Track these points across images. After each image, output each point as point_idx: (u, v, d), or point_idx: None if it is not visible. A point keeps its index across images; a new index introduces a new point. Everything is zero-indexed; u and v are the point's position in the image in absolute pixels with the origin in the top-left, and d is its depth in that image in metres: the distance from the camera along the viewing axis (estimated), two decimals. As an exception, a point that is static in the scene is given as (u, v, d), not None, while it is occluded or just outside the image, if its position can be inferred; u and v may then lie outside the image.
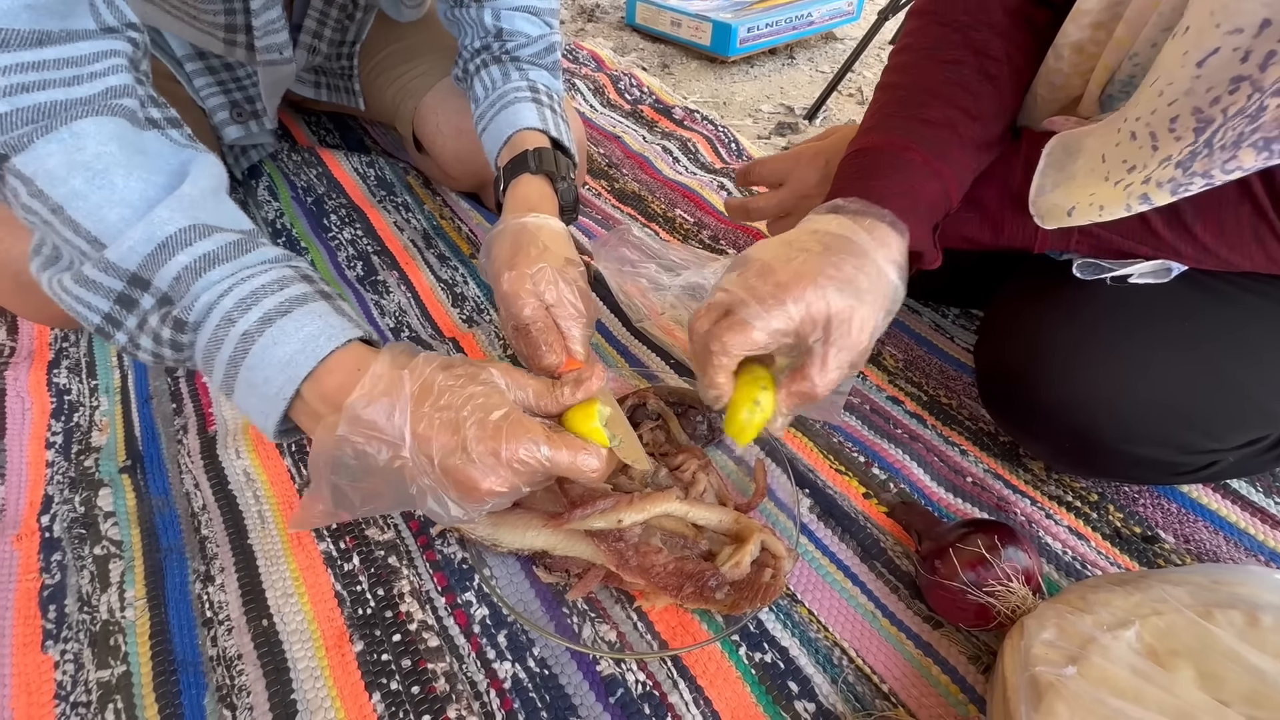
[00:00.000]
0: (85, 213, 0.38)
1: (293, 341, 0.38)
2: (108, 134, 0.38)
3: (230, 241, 0.40)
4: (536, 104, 0.66)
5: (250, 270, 0.40)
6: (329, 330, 0.39)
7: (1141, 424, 0.49)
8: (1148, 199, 0.41)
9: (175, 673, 0.44)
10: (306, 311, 0.39)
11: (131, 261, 0.38)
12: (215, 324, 0.38)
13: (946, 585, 0.46)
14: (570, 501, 0.49)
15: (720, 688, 0.45)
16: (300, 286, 0.40)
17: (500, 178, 0.62)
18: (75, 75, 0.38)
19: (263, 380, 0.39)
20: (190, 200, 0.39)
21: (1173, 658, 0.37)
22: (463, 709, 0.43)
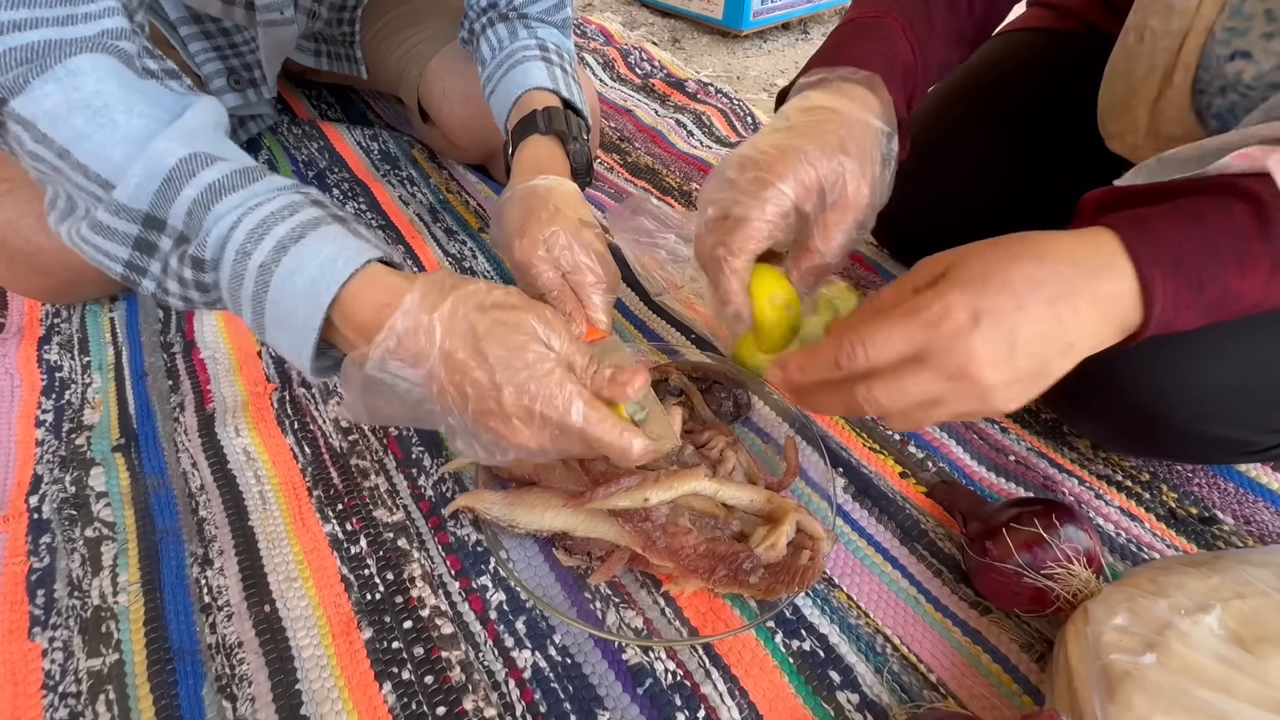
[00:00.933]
0: (91, 153, 0.36)
1: (309, 268, 0.36)
2: (105, 70, 0.37)
3: (236, 169, 0.38)
4: (546, 63, 0.63)
5: (258, 198, 0.37)
6: (346, 252, 0.37)
7: (1217, 402, 0.45)
8: None
9: (171, 661, 0.41)
10: (321, 235, 0.37)
11: (142, 201, 0.37)
12: (232, 259, 0.37)
13: (998, 568, 0.43)
14: (592, 479, 0.46)
15: (756, 678, 0.42)
16: (311, 210, 0.38)
17: (509, 141, 0.59)
18: (69, 14, 0.37)
19: (288, 313, 0.37)
20: (189, 130, 0.37)
21: (1261, 644, 0.34)
22: (479, 700, 0.40)
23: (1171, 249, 0.32)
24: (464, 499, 0.47)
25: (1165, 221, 0.33)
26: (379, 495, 0.50)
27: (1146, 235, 0.32)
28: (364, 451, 0.53)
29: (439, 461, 0.53)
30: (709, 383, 0.58)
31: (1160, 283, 0.32)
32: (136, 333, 0.64)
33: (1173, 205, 0.33)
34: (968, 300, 0.31)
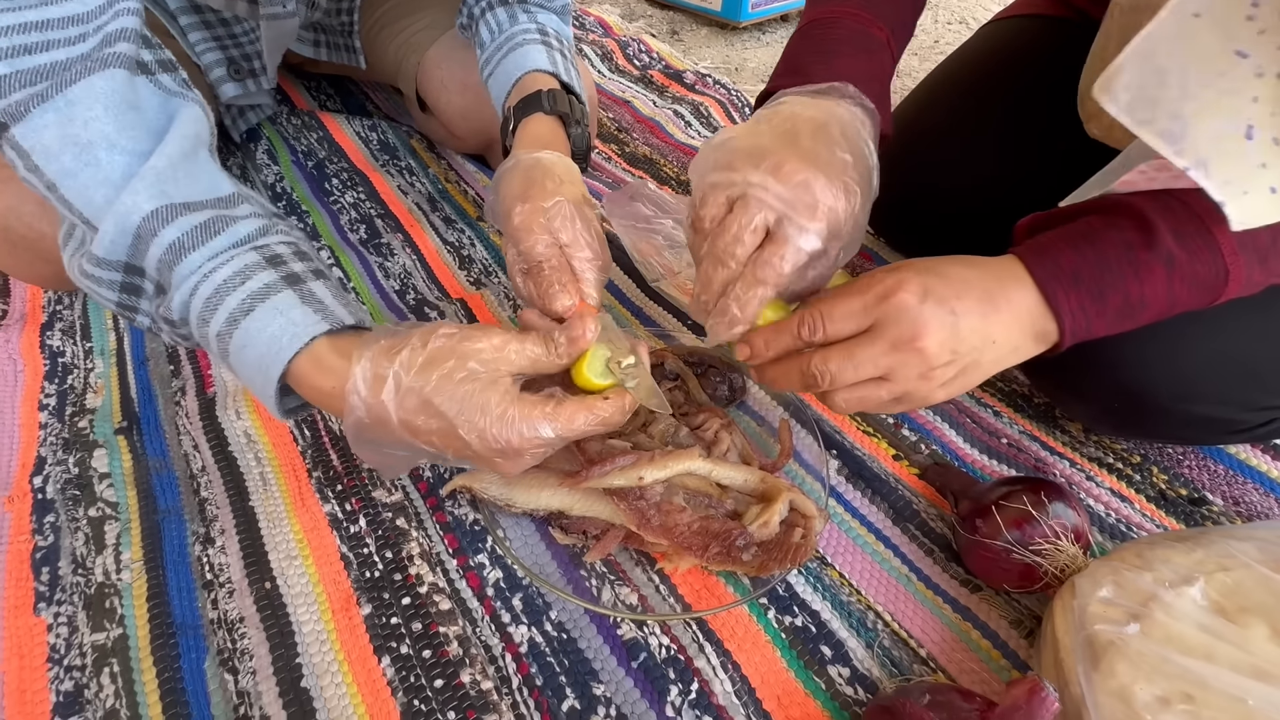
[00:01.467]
0: (75, 193, 0.38)
1: (259, 344, 0.38)
2: (95, 96, 0.38)
3: (197, 225, 0.39)
4: (546, 46, 0.63)
5: (215, 261, 0.39)
6: (291, 329, 0.38)
7: (1202, 381, 0.45)
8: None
9: (174, 636, 0.41)
10: (268, 309, 0.38)
11: (119, 253, 0.39)
12: (195, 324, 0.39)
13: (989, 545, 0.44)
14: (588, 459, 0.47)
15: (749, 651, 0.42)
16: (263, 276, 0.39)
17: (510, 119, 0.59)
18: (82, 33, 0.37)
19: (248, 378, 0.40)
20: (157, 174, 0.38)
21: (1243, 614, 0.34)
22: (476, 673, 0.40)
23: (1070, 268, 0.37)
24: (461, 479, 0.47)
25: (1064, 244, 0.38)
26: (377, 476, 0.51)
27: (1046, 259, 0.38)
28: (363, 434, 0.54)
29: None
30: (704, 367, 0.58)
31: (1064, 298, 0.37)
32: (138, 319, 0.64)
33: (1071, 228, 0.38)
34: (918, 279, 0.36)
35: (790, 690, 0.41)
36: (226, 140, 0.86)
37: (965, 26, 1.66)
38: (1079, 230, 0.38)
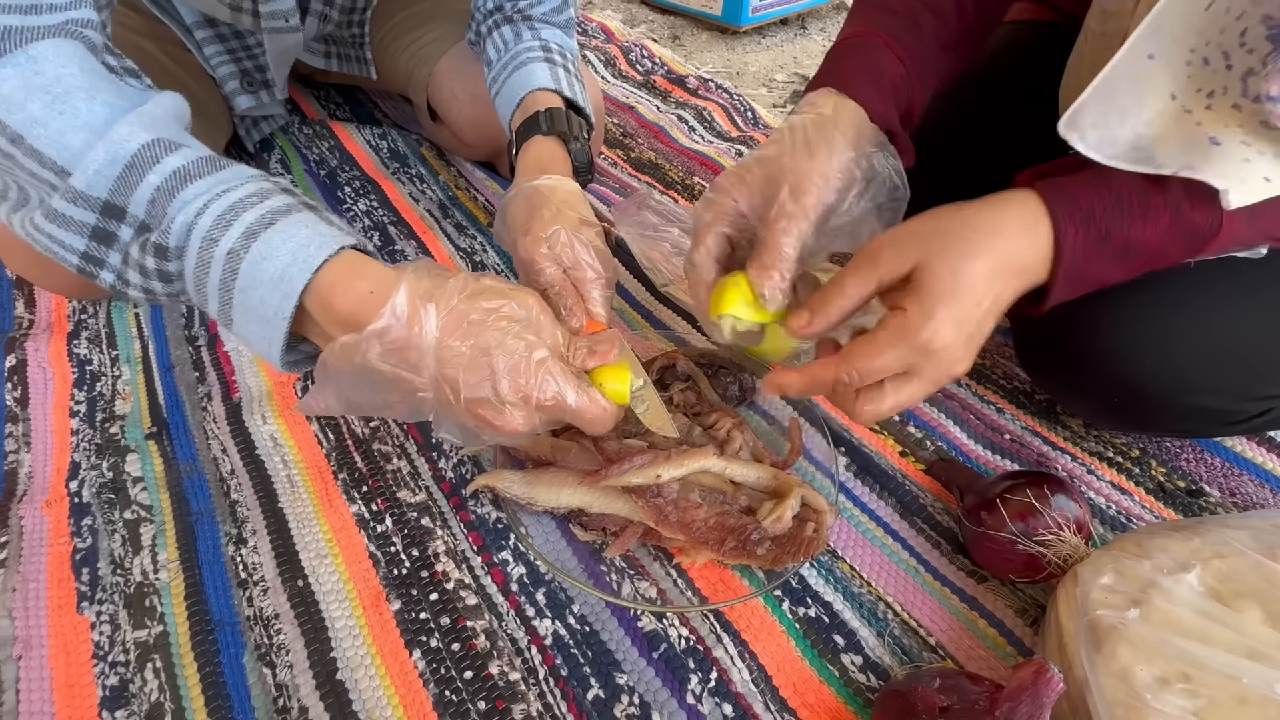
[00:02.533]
0: (47, 140, 0.35)
1: (281, 254, 0.35)
2: (67, 56, 0.36)
3: (202, 156, 0.37)
4: (549, 63, 0.65)
5: (226, 184, 0.37)
6: (319, 238, 0.36)
7: (1197, 372, 0.47)
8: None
9: (213, 632, 0.43)
10: (293, 221, 0.36)
11: (100, 188, 0.35)
12: (198, 246, 0.36)
13: (994, 537, 0.45)
14: (606, 458, 0.48)
15: (765, 641, 0.44)
16: (282, 198, 0.37)
17: (512, 141, 0.61)
18: (34, 4, 0.36)
19: (258, 301, 0.36)
20: (152, 117, 0.37)
21: (1238, 599, 0.36)
22: (504, 665, 0.42)
23: (1086, 206, 0.38)
24: (484, 479, 0.49)
25: (1082, 184, 0.38)
26: (402, 477, 0.52)
27: (1064, 195, 0.38)
28: (385, 437, 0.56)
29: (458, 445, 0.55)
30: (715, 368, 0.60)
31: (1072, 235, 0.38)
32: (161, 327, 0.66)
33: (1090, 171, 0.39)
34: (950, 315, 0.36)
35: (805, 678, 0.43)
36: (241, 150, 0.88)
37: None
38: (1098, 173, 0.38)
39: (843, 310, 0.39)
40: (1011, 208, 0.39)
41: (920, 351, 0.37)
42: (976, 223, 0.38)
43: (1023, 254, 0.38)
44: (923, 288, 0.37)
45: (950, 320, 0.36)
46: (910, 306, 0.37)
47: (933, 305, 0.36)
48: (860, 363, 0.37)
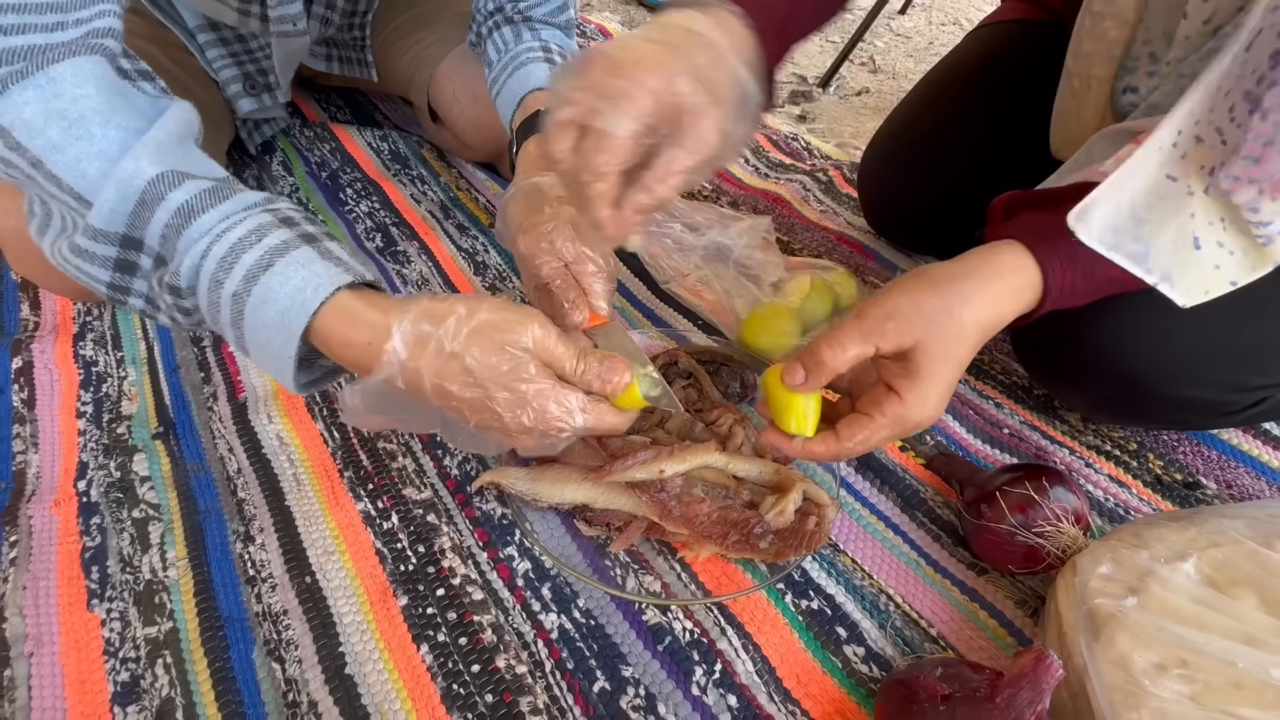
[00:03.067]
0: (65, 167, 0.37)
1: (280, 298, 0.37)
2: (85, 75, 0.37)
3: (205, 189, 0.38)
4: (549, 64, 0.65)
5: (227, 221, 0.38)
6: (314, 280, 0.37)
7: (1188, 364, 0.48)
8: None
9: (222, 628, 0.44)
10: (289, 262, 0.37)
11: (117, 224, 0.38)
12: (206, 288, 0.38)
13: (994, 529, 0.46)
14: (610, 454, 0.49)
15: (768, 634, 0.45)
16: (280, 234, 0.38)
17: (514, 141, 0.61)
18: (59, 21, 0.37)
19: (265, 340, 0.38)
20: (158, 144, 0.38)
21: (1234, 587, 0.37)
22: (511, 658, 0.42)
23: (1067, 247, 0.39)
24: (489, 475, 0.50)
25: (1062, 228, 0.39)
26: (407, 475, 0.53)
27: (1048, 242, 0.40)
28: (390, 436, 0.56)
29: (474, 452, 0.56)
30: (716, 365, 0.61)
31: (1059, 274, 0.40)
32: (166, 329, 0.66)
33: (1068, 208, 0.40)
34: (939, 394, 0.40)
35: (809, 669, 0.43)
36: (243, 153, 0.88)
37: (959, 27, 1.69)
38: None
39: (837, 372, 0.40)
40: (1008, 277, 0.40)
41: (910, 428, 0.41)
42: (974, 300, 0.40)
43: (1009, 314, 0.41)
44: (919, 375, 0.39)
45: (939, 399, 0.40)
46: (906, 395, 0.39)
47: (928, 392, 0.39)
48: (857, 446, 0.41)
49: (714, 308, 0.70)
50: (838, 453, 0.41)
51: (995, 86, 0.69)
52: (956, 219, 0.69)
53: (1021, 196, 0.45)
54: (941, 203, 0.72)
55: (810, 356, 0.40)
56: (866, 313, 0.40)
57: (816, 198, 0.93)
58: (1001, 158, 0.67)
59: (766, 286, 0.68)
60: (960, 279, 0.40)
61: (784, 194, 0.92)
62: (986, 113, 0.69)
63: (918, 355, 0.39)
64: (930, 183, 0.72)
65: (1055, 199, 0.42)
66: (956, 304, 0.39)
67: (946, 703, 0.35)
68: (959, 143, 0.70)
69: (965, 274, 0.40)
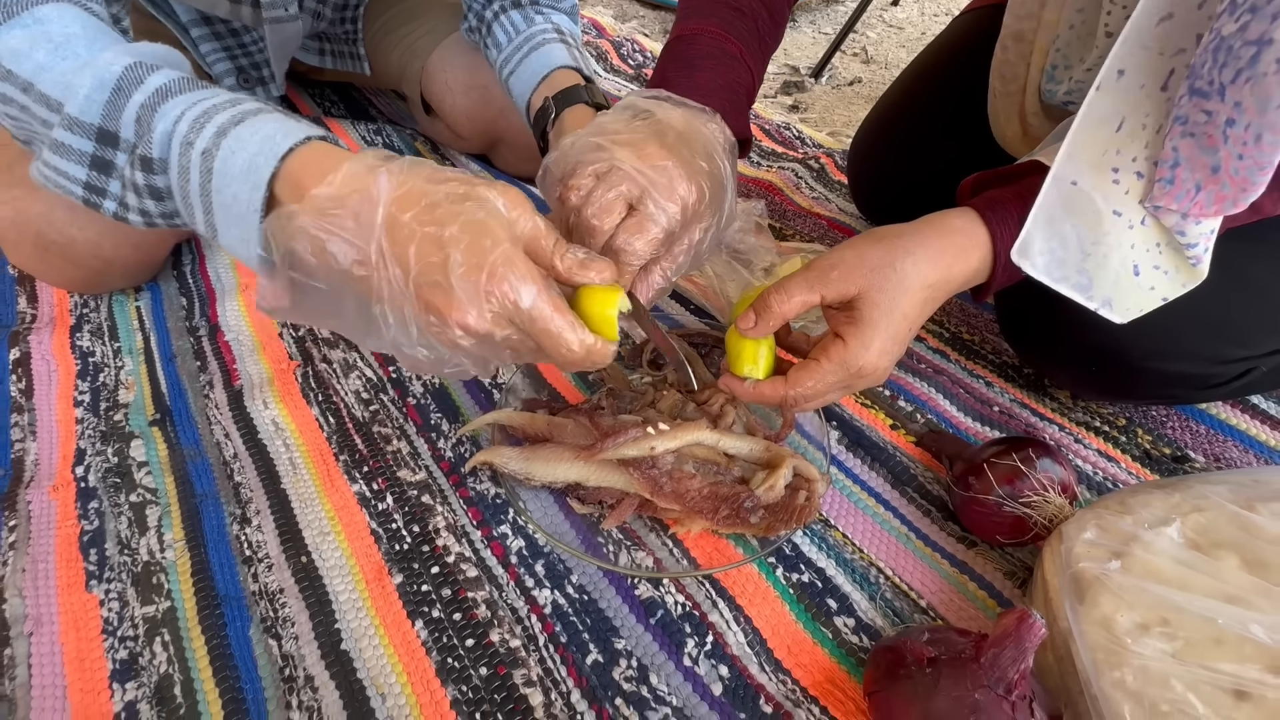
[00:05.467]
0: (52, 82, 0.37)
1: (250, 145, 0.35)
2: (70, 17, 0.38)
3: (182, 76, 0.38)
4: (566, 45, 0.66)
5: (205, 97, 0.37)
6: (285, 130, 0.35)
7: (1170, 338, 0.48)
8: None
9: (219, 607, 0.44)
10: (262, 118, 0.36)
11: (93, 113, 0.37)
12: (177, 153, 0.36)
13: (982, 500, 0.46)
14: (601, 432, 0.49)
15: (759, 606, 0.45)
16: (256, 103, 0.38)
17: (549, 109, 0.60)
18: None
19: (232, 198, 0.35)
20: (139, 50, 0.38)
21: (1216, 549, 0.37)
22: (505, 633, 0.43)
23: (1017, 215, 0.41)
24: (482, 455, 0.50)
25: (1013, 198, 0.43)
26: (402, 458, 0.53)
27: (999, 210, 0.42)
28: (385, 420, 0.57)
29: (456, 426, 0.56)
30: (708, 348, 0.61)
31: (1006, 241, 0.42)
32: (163, 319, 0.67)
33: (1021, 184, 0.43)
34: (882, 344, 0.41)
35: (799, 640, 0.44)
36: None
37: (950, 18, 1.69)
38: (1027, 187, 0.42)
39: (785, 317, 0.42)
40: (953, 237, 0.42)
41: (855, 375, 0.42)
42: (919, 254, 0.41)
43: (956, 277, 0.42)
44: (863, 322, 0.41)
45: (881, 348, 0.41)
46: (850, 340, 0.41)
47: (870, 340, 0.41)
48: (805, 388, 0.42)
49: (705, 292, 0.71)
50: (785, 397, 0.43)
51: (980, 69, 0.69)
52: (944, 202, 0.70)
53: (987, 176, 0.46)
54: (929, 186, 0.72)
55: (760, 303, 0.42)
56: (814, 264, 0.42)
57: (809, 185, 0.93)
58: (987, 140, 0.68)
59: (758, 271, 0.68)
60: (905, 235, 0.42)
61: (776, 181, 0.93)
62: (971, 96, 0.69)
63: (861, 303, 0.41)
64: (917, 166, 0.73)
65: (1015, 175, 0.44)
66: (899, 256, 0.41)
67: (932, 665, 0.36)
68: (944, 126, 0.71)
69: (911, 231, 0.42)
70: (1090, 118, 0.36)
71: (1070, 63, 0.53)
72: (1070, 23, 0.51)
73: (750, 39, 0.53)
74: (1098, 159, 0.37)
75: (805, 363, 0.42)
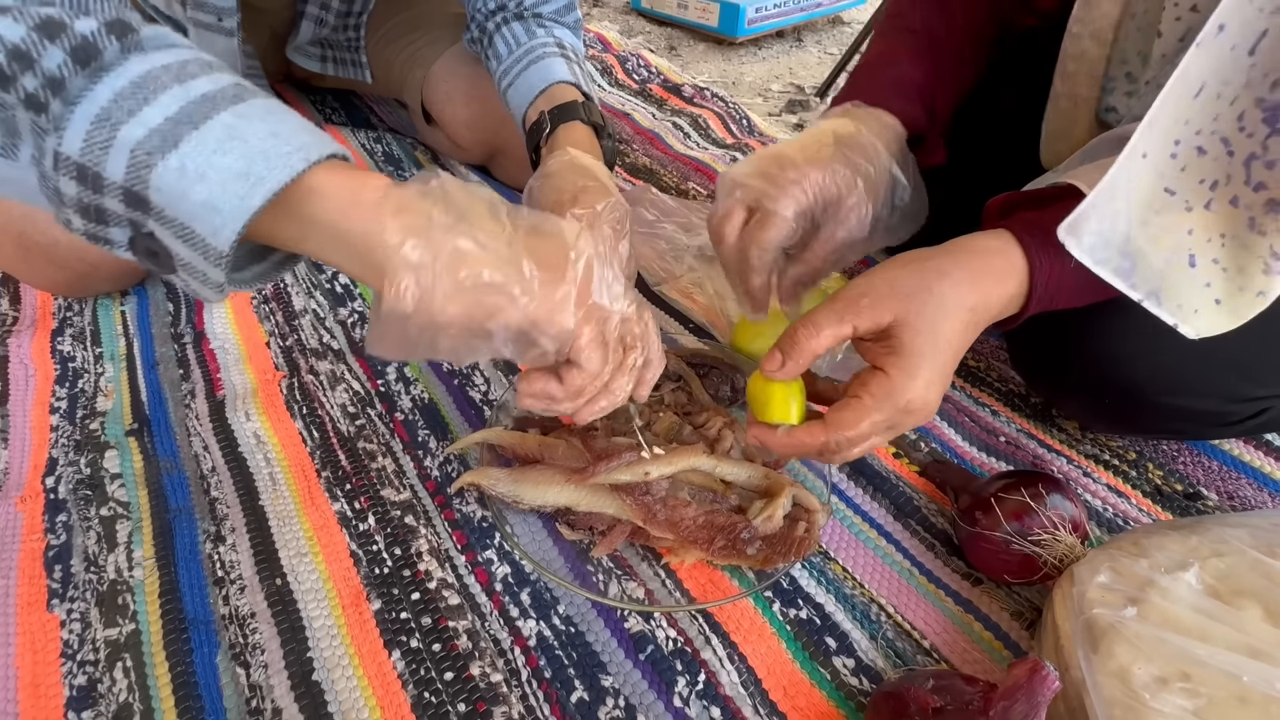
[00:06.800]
0: None
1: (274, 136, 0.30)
2: None
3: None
4: (566, 60, 0.65)
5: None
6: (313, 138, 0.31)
7: (1186, 373, 0.47)
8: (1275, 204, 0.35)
9: (186, 631, 0.42)
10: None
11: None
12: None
13: (989, 537, 0.44)
14: (594, 456, 0.47)
15: (755, 643, 0.43)
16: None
17: (544, 123, 0.60)
18: None
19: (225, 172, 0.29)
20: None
21: (1237, 597, 0.35)
22: (486, 666, 0.41)
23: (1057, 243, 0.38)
24: (470, 475, 0.48)
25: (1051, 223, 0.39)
26: (386, 475, 0.51)
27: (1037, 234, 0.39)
28: (371, 435, 0.55)
29: (444, 444, 0.55)
30: (706, 368, 0.59)
31: (1045, 271, 0.39)
32: (147, 325, 0.65)
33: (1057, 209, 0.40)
34: (929, 376, 0.38)
35: (796, 681, 0.41)
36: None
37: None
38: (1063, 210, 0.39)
39: (815, 354, 0.39)
40: (990, 258, 0.39)
41: (903, 412, 0.38)
42: (955, 276, 0.38)
43: (995, 302, 0.39)
44: (904, 351, 0.37)
45: (928, 380, 0.38)
46: (893, 371, 0.37)
47: (916, 368, 0.37)
48: (848, 431, 0.38)
49: (706, 311, 0.69)
50: (826, 443, 0.39)
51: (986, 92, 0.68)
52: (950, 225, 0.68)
53: (1016, 197, 0.44)
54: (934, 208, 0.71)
55: (786, 341, 0.39)
56: (841, 295, 0.39)
57: (812, 204, 0.92)
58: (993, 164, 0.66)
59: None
60: (936, 258, 0.39)
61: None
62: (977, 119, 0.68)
63: (899, 330, 0.37)
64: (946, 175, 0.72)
65: (1051, 198, 0.41)
66: (934, 279, 0.38)
67: (938, 716, 0.34)
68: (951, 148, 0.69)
69: (942, 254, 0.39)
70: (1181, 80, 0.32)
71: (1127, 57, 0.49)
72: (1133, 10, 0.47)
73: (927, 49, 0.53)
74: (1169, 129, 0.34)
75: (846, 401, 0.38)
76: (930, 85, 0.52)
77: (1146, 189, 0.35)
